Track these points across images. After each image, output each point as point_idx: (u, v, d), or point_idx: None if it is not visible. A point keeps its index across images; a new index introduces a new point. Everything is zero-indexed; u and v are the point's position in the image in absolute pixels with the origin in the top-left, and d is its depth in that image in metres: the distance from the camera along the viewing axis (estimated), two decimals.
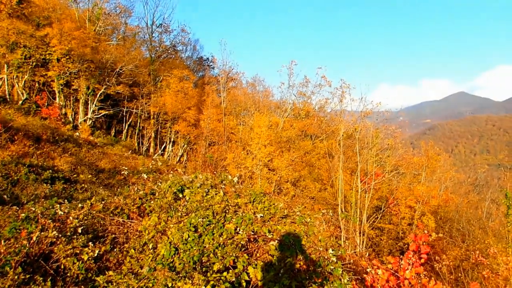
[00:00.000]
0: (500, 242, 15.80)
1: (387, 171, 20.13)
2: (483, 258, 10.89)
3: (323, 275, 4.84)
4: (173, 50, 31.60)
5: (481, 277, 10.20)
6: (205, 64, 36.68)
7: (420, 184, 22.87)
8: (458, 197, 24.91)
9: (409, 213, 19.16)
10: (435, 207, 20.69)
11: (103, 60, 23.32)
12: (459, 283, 11.27)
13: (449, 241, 16.79)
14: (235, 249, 4.65)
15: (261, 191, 6.18)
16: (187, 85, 26.17)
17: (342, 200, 17.35)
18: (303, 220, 5.57)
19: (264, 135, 18.11)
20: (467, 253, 13.54)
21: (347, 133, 22.57)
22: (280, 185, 18.89)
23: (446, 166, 31.29)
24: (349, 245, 15.26)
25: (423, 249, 5.57)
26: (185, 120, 25.22)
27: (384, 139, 21.78)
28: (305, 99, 30.06)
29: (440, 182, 26.13)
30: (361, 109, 20.14)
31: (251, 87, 34.33)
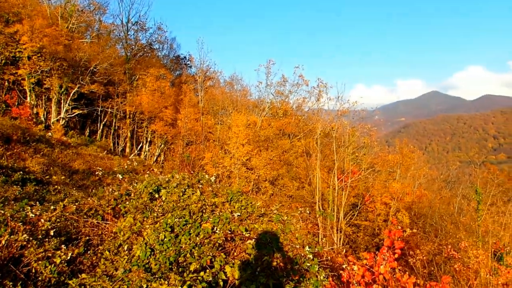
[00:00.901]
0: (471, 236, 16.38)
1: (363, 169, 20.48)
2: (455, 252, 11.24)
3: (300, 272, 4.89)
4: (150, 49, 31.13)
5: (453, 271, 10.51)
6: (182, 63, 36.32)
7: (395, 181, 23.40)
8: (431, 193, 25.65)
9: (385, 209, 19.58)
10: (409, 203, 21.22)
11: (77, 58, 22.72)
12: (432, 277, 11.57)
13: (423, 236, 17.27)
14: (212, 249, 4.63)
15: (239, 190, 6.17)
16: (164, 84, 25.83)
17: (319, 198, 17.55)
18: (280, 218, 5.60)
19: (242, 134, 18.10)
20: (440, 247, 13.94)
21: (324, 131, 22.82)
22: (259, 184, 18.92)
23: (420, 163, 32.11)
24: (326, 242, 15.45)
25: (397, 244, 5.69)
26: (162, 120, 24.89)
27: (360, 137, 22.17)
28: (283, 98, 30.20)
29: (414, 179, 26.82)
30: (338, 108, 20.42)
31: (229, 86, 34.27)
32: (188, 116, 23.04)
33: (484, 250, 12.13)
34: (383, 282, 5.54)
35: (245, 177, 17.94)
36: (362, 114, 21.57)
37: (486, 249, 12.98)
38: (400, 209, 19.47)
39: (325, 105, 24.48)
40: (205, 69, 27.90)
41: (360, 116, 21.52)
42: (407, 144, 32.07)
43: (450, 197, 25.99)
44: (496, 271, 9.89)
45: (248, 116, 24.27)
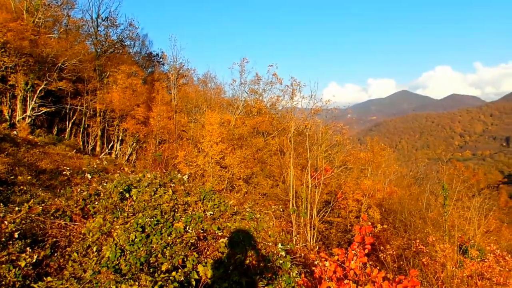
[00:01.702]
0: (438, 231, 16.97)
1: (336, 166, 20.82)
2: (423, 246, 11.61)
3: (273, 270, 4.92)
4: (121, 45, 30.38)
5: (421, 264, 10.83)
6: (154, 60, 35.68)
7: (367, 178, 23.93)
8: (401, 190, 26.37)
9: (357, 206, 20.00)
10: (380, 199, 21.75)
11: (44, 54, 21.89)
12: (402, 271, 11.90)
13: (393, 231, 17.75)
14: (184, 248, 4.59)
15: (212, 188, 6.14)
16: (135, 81, 25.30)
17: (293, 195, 17.71)
18: (253, 216, 5.62)
19: (216, 132, 18.01)
20: (409, 242, 14.34)
21: (298, 130, 23.02)
22: (233, 183, 18.89)
23: (390, 160, 32.97)
24: (300, 239, 15.61)
25: (367, 240, 5.80)
26: (134, 118, 24.38)
27: (333, 135, 22.52)
28: (257, 97, 30.25)
29: (385, 176, 27.51)
30: (311, 106, 20.64)
31: (203, 84, 33.99)
32: (161, 114, 22.68)
33: (450, 244, 12.59)
34: (354, 277, 5.65)
35: (219, 175, 17.86)
36: (335, 112, 21.93)
37: (452, 243, 13.47)
38: (371, 206, 19.93)
39: (299, 103, 24.67)
40: (178, 66, 27.54)
41: (333, 115, 21.87)
42: (378, 142, 32.88)
43: (419, 193, 26.81)
44: (461, 264, 10.30)
45: (222, 114, 24.17)
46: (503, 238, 24.41)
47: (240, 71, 28.54)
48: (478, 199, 18.80)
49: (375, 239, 15.99)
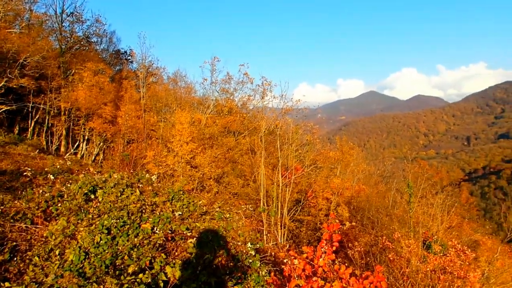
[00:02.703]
0: (404, 227, 17.49)
1: (306, 165, 21.07)
2: (389, 243, 11.95)
3: (242, 269, 4.92)
4: (87, 42, 29.40)
5: (388, 260, 11.13)
6: (122, 57, 34.75)
7: (336, 177, 24.34)
8: (369, 188, 27.02)
9: (326, 204, 20.32)
10: (348, 198, 22.19)
11: (4, 49, 20.84)
12: (369, 267, 12.18)
13: (361, 228, 18.16)
14: (151, 249, 4.52)
15: (180, 188, 6.07)
16: (102, 79, 24.54)
17: (264, 194, 17.79)
18: (222, 216, 5.60)
19: (186, 132, 17.80)
20: (376, 238, 14.69)
21: (268, 129, 23.14)
22: (203, 182, 18.74)
23: (358, 159, 33.71)
24: (270, 238, 15.71)
25: (335, 237, 5.93)
26: (101, 117, 23.65)
27: (304, 135, 22.80)
28: (228, 96, 30.13)
29: (353, 175, 28.10)
30: (282, 106, 20.81)
31: (173, 83, 33.49)
32: (129, 113, 22.15)
33: (415, 240, 13.00)
34: (322, 274, 5.75)
35: (189, 175, 17.66)
36: (305, 112, 22.22)
37: (416, 239, 13.92)
38: (340, 204, 20.30)
39: (270, 103, 24.78)
40: (147, 64, 26.99)
41: (304, 114, 22.15)
42: (347, 141, 33.51)
43: (386, 191, 27.58)
44: (425, 259, 10.67)
45: (193, 113, 23.90)
46: (464, 233, 25.47)
47: (211, 70, 28.36)
48: (441, 196, 19.52)
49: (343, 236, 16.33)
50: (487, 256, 19.95)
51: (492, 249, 22.96)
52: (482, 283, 12.54)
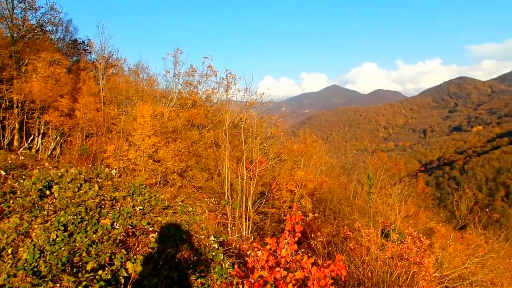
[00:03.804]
0: (364, 217, 18.07)
1: (270, 158, 21.23)
2: (350, 232, 12.30)
3: (205, 262, 4.92)
4: (41, 31, 27.84)
5: (349, 249, 11.46)
6: (80, 48, 33.21)
7: (299, 170, 24.74)
8: (331, 180, 27.68)
9: (290, 196, 20.60)
10: (312, 189, 22.62)
11: None
12: (332, 256, 12.49)
13: (323, 219, 18.59)
14: (111, 245, 4.41)
15: (142, 183, 5.94)
16: (58, 70, 23.36)
17: (228, 188, 17.77)
18: (185, 210, 5.55)
19: (148, 125, 17.40)
20: (338, 229, 15.07)
21: (233, 122, 23.07)
22: (166, 176, 18.44)
23: (321, 152, 34.39)
24: (235, 231, 15.75)
25: (297, 228, 6.02)
26: (57, 110, 22.54)
27: (268, 128, 22.93)
28: (192, 89, 29.72)
29: (316, 167, 28.66)
30: (247, 99, 20.76)
31: (134, 75, 32.52)
32: (88, 106, 21.29)
33: (375, 229, 13.46)
34: (285, 265, 5.84)
35: (151, 169, 17.31)
36: (270, 105, 22.30)
37: (376, 228, 14.42)
38: (303, 196, 20.65)
39: (234, 96, 24.67)
40: (107, 55, 26.03)
41: (268, 108, 22.22)
42: (310, 134, 34.10)
43: (347, 182, 28.38)
44: (384, 247, 11.09)
45: (155, 106, 23.39)
46: (420, 221, 26.75)
47: (174, 62, 27.83)
48: (399, 187, 20.27)
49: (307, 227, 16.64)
50: (441, 242, 21.04)
51: (445, 236, 24.25)
52: (436, 268, 13.22)
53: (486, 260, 14.30)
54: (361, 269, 10.35)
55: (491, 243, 14.79)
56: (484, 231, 17.73)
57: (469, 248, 15.83)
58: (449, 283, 13.54)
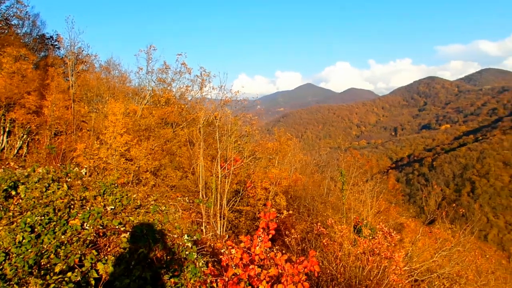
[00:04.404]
0: (337, 214, 18.41)
1: (245, 156, 21.24)
2: (323, 229, 12.49)
3: (178, 262, 4.87)
4: (6, 24, 26.66)
5: (322, 245, 11.63)
6: (48, 43, 31.99)
7: (274, 167, 24.87)
8: (305, 177, 27.97)
9: (265, 194, 20.68)
10: (286, 187, 22.79)
11: None
12: (305, 253, 12.65)
13: (298, 216, 18.80)
14: (81, 246, 4.31)
15: (113, 182, 5.82)
16: (25, 66, 22.45)
17: (203, 186, 17.65)
18: (158, 209, 5.47)
19: (120, 123, 17.02)
20: (312, 225, 15.27)
21: (207, 120, 22.89)
22: (139, 175, 18.13)
23: (296, 150, 34.67)
24: (209, 229, 15.68)
25: (271, 226, 6.06)
26: (24, 107, 21.65)
27: (243, 126, 22.90)
28: (165, 86, 29.35)
29: (291, 165, 28.89)
30: (221, 97, 20.63)
31: (105, 72, 31.68)
32: (57, 103, 20.56)
33: (347, 225, 13.75)
34: (259, 262, 5.88)
35: (123, 168, 16.96)
36: (244, 103, 22.24)
37: (348, 224, 14.74)
38: (278, 193, 20.77)
39: (209, 94, 24.42)
40: (77, 51, 25.24)
41: (243, 106, 22.16)
42: (285, 132, 34.31)
43: (321, 180, 28.78)
44: (356, 242, 11.34)
45: (127, 104, 22.93)
46: (391, 217, 27.46)
47: (147, 59, 27.40)
48: (371, 183, 20.81)
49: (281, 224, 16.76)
50: (411, 237, 21.73)
51: (415, 231, 25.02)
52: (406, 262, 13.64)
53: (453, 253, 14.85)
54: (334, 265, 10.54)
55: (458, 237, 15.36)
56: (451, 225, 18.37)
57: (437, 242, 16.41)
58: (418, 276, 13.99)
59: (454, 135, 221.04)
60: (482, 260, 20.11)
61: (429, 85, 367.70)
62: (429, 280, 14.40)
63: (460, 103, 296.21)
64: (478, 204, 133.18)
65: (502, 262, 33.69)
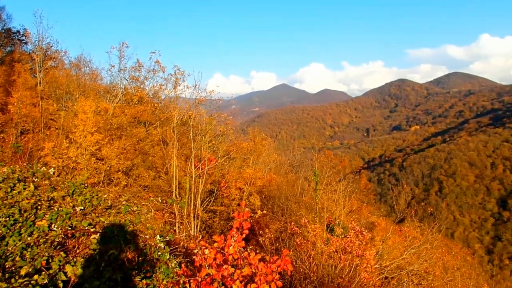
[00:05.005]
0: (311, 213, 18.61)
1: (219, 156, 21.16)
2: (297, 228, 12.61)
3: (150, 263, 4.81)
4: None
5: (296, 244, 11.75)
6: (15, 38, 30.78)
7: (248, 167, 24.88)
8: (280, 177, 28.16)
9: (239, 194, 20.66)
10: (260, 187, 22.84)
11: None
12: (279, 252, 12.71)
13: (272, 216, 18.89)
14: (48, 248, 4.17)
15: (83, 182, 5.66)
16: None
17: (176, 186, 17.46)
18: (129, 209, 5.37)
19: (91, 121, 16.55)
20: (285, 225, 15.38)
21: (181, 120, 22.63)
22: (111, 175, 17.71)
23: (270, 150, 34.83)
24: (183, 229, 15.54)
25: (245, 225, 6.07)
26: None
27: (217, 126, 22.78)
28: (138, 84, 28.76)
29: (265, 165, 28.98)
30: (196, 96, 20.45)
31: (76, 68, 30.79)
32: (23, 100, 19.76)
33: (320, 224, 13.91)
34: (233, 262, 5.87)
35: (94, 168, 16.52)
36: (219, 103, 22.13)
37: (321, 223, 14.91)
38: (252, 193, 20.80)
39: (183, 93, 24.14)
40: (45, 47, 24.33)
41: (217, 105, 22.03)
42: (259, 132, 34.41)
43: (295, 180, 29.02)
44: (328, 241, 11.51)
45: (99, 102, 22.33)
46: (363, 216, 28.05)
47: (120, 56, 26.75)
48: (344, 183, 21.14)
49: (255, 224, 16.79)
50: (381, 235, 22.26)
51: (385, 229, 25.66)
52: (377, 259, 13.94)
53: (421, 251, 15.30)
54: (307, 264, 10.66)
55: (426, 235, 15.82)
56: (420, 223, 18.92)
57: (406, 240, 16.86)
58: (388, 273, 14.32)
59: (423, 136, 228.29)
60: (449, 257, 20.90)
61: (400, 87, 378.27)
62: (399, 277, 14.78)
63: (429, 105, 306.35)
64: (445, 203, 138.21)
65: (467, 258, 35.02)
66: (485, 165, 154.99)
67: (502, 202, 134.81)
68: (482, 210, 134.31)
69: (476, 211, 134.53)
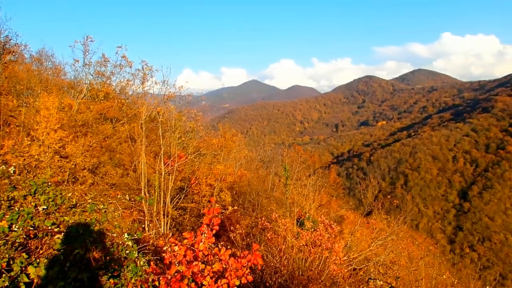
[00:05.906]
0: (281, 208, 18.83)
1: (189, 152, 20.94)
2: (268, 223, 12.72)
3: (118, 261, 4.72)
4: None
5: (266, 239, 11.86)
6: None
7: (219, 163, 24.78)
8: (250, 173, 28.24)
9: (209, 190, 20.57)
10: (231, 183, 22.84)
11: None
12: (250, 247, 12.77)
13: (242, 212, 18.92)
14: (9, 250, 4.01)
15: (45, 180, 5.46)
16: None
17: (145, 184, 17.14)
18: (95, 208, 5.24)
19: (54, 118, 15.91)
20: (256, 220, 15.46)
21: (150, 116, 22.20)
22: (76, 174, 17.14)
23: (241, 146, 34.78)
24: (152, 227, 15.32)
25: (215, 221, 6.08)
26: None
27: (187, 122, 22.52)
28: (104, 80, 27.93)
29: (236, 160, 28.99)
30: (164, 92, 20.11)
31: (37, 63, 29.41)
32: None
33: (291, 219, 14.12)
34: (203, 258, 5.86)
35: (58, 166, 15.93)
36: (189, 99, 21.84)
37: (292, 218, 15.13)
38: (223, 189, 20.76)
39: (151, 89, 23.62)
40: (4, 40, 23.18)
41: (187, 101, 21.74)
42: (230, 128, 34.27)
43: (266, 175, 29.22)
44: (299, 235, 11.70)
45: (62, 98, 21.53)
46: (332, 209, 28.60)
47: (84, 51, 25.85)
48: (314, 178, 21.48)
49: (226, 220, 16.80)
50: (350, 228, 22.81)
51: (354, 222, 26.33)
52: (345, 252, 14.30)
53: (388, 242, 15.84)
54: (277, 258, 10.78)
55: (392, 227, 16.37)
56: (386, 216, 19.55)
57: (373, 232, 17.40)
58: (356, 264, 14.74)
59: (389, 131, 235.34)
60: (414, 248, 21.73)
61: (367, 83, 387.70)
62: (366, 268, 15.25)
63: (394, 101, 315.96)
64: (411, 196, 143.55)
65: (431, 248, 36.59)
66: (447, 159, 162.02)
67: (463, 194, 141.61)
68: (445, 202, 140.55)
69: (439, 202, 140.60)
